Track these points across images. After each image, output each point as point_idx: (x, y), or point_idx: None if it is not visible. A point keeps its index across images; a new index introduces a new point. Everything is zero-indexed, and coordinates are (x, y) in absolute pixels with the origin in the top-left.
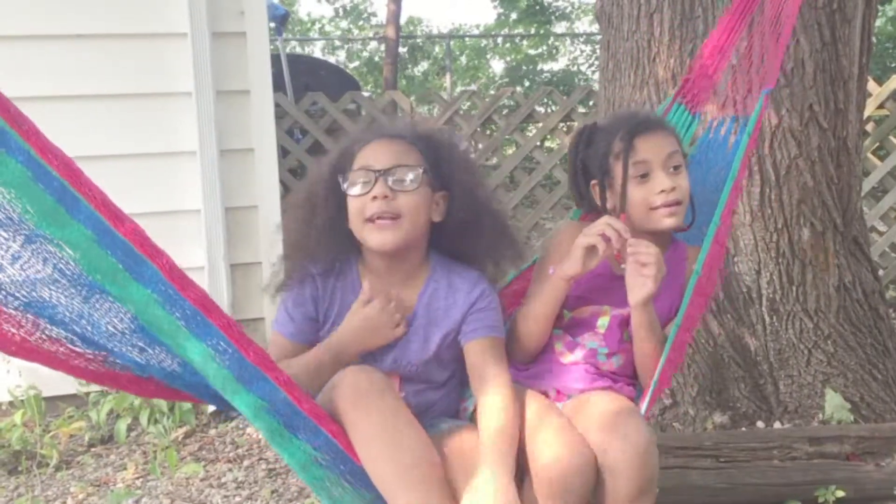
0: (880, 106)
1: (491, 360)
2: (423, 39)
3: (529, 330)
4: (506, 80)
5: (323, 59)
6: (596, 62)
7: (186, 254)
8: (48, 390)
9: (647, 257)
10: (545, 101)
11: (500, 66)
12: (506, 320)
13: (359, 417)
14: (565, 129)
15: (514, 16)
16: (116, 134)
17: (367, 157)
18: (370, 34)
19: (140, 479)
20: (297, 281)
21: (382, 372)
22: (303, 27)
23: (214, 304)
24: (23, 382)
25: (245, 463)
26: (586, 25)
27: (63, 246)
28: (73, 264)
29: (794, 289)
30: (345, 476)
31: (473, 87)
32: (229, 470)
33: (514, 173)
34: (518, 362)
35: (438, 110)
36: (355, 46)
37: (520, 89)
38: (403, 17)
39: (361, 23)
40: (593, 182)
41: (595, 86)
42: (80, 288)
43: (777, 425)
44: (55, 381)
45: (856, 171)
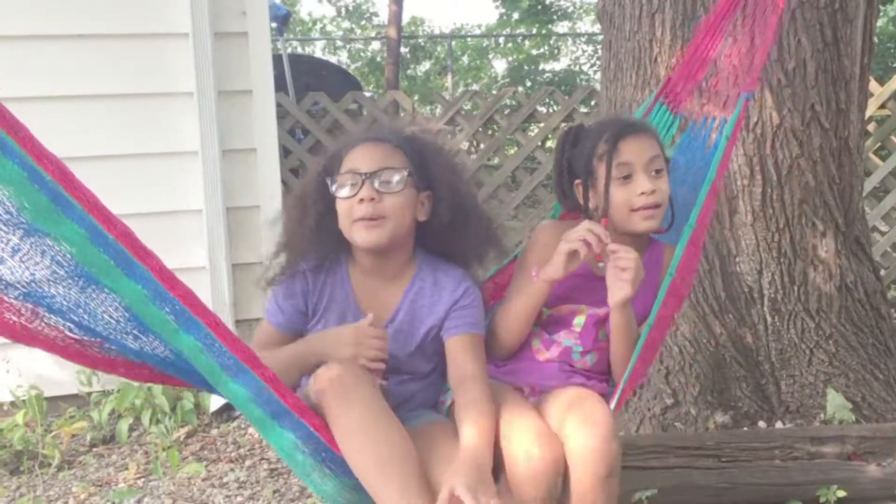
0: (882, 106)
1: (469, 357)
2: (424, 39)
3: (509, 329)
4: (507, 80)
5: (324, 59)
6: (598, 62)
7: (188, 254)
8: (50, 390)
9: (626, 262)
10: (547, 101)
11: (502, 66)
12: (487, 312)
13: (340, 412)
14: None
15: (515, 16)
16: (118, 134)
17: (354, 160)
18: (372, 34)
19: (142, 479)
20: (288, 276)
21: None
22: (304, 27)
23: (202, 304)
24: (24, 382)
25: (247, 463)
26: (588, 25)
27: (59, 240)
28: (69, 257)
29: (795, 288)
30: (326, 464)
31: (475, 87)
32: (231, 470)
33: (515, 173)
34: (496, 359)
35: (440, 110)
36: (357, 46)
37: (521, 89)
38: (406, 17)
39: (363, 23)
40: (577, 181)
41: (597, 86)
42: (76, 279)
43: (779, 425)
44: (57, 382)
45: (857, 171)
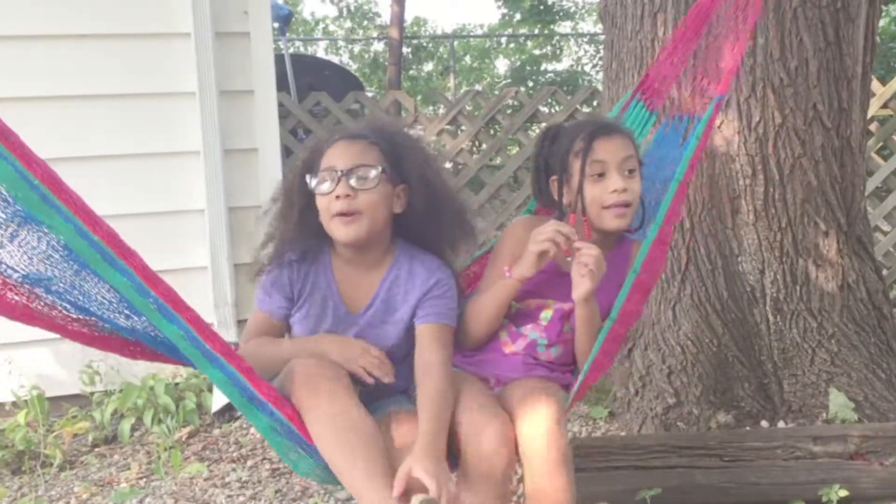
0: (884, 105)
1: (435, 346)
2: (427, 40)
3: (479, 321)
4: (510, 81)
5: (326, 59)
6: (600, 62)
7: (190, 254)
8: (52, 390)
9: (587, 258)
10: (549, 101)
11: (505, 67)
12: (464, 300)
13: (311, 404)
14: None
15: (517, 16)
16: (120, 134)
17: (332, 157)
18: (374, 34)
19: (144, 479)
20: (275, 265)
21: None
22: (307, 27)
23: (182, 301)
24: (26, 382)
25: (249, 463)
26: (590, 25)
27: (53, 228)
28: (62, 243)
29: (797, 288)
30: (300, 445)
31: (478, 88)
32: (233, 470)
33: (517, 173)
34: (466, 349)
35: (443, 110)
36: (359, 46)
37: (524, 89)
38: (409, 17)
39: (366, 23)
40: (553, 178)
41: (599, 86)
42: (70, 263)
43: (781, 424)
44: (59, 382)
45: (859, 170)
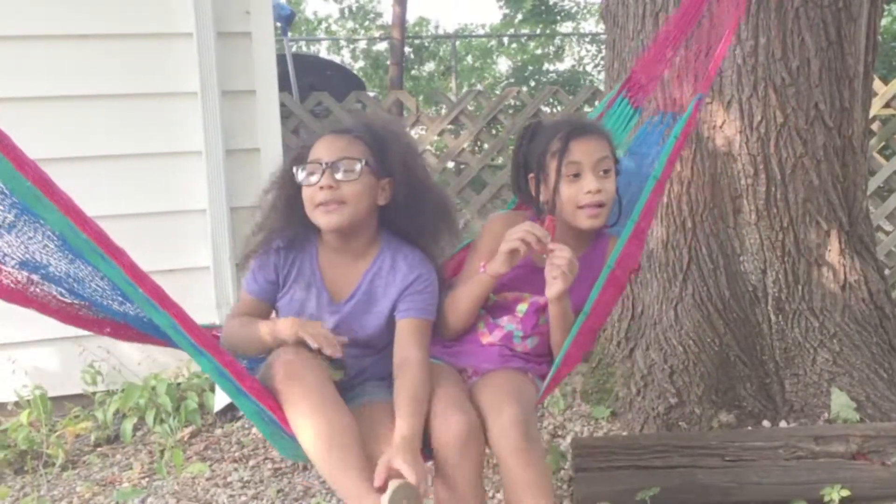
0: (886, 105)
1: (413, 341)
2: (428, 40)
3: (456, 313)
4: (511, 81)
5: (328, 59)
6: (601, 62)
7: (192, 254)
8: (54, 390)
9: (560, 260)
10: (551, 101)
11: (506, 67)
12: (448, 287)
13: (291, 395)
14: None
15: (519, 16)
16: (122, 134)
17: (318, 150)
18: (376, 34)
19: (146, 479)
20: (263, 251)
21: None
22: (309, 26)
23: (169, 298)
24: (29, 382)
25: (251, 462)
26: (592, 25)
27: (48, 221)
28: (57, 234)
29: (799, 288)
30: (283, 432)
31: (479, 88)
32: (235, 469)
33: None
34: (444, 339)
35: (445, 110)
36: (361, 46)
37: (525, 89)
38: (412, 18)
39: (367, 23)
40: (531, 175)
41: (601, 86)
42: (65, 252)
43: (783, 424)
44: (61, 381)
45: (861, 170)
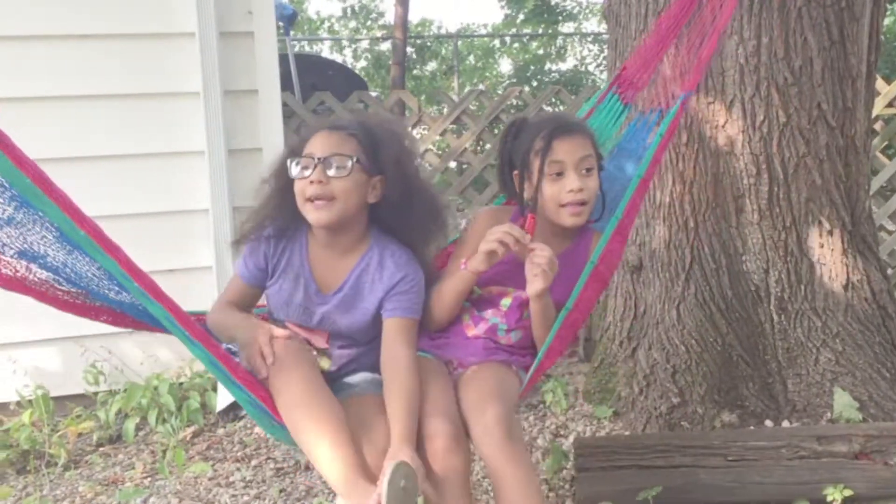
0: (889, 104)
1: (401, 340)
2: (430, 39)
3: (441, 307)
4: (514, 80)
5: (330, 59)
6: (604, 62)
7: (195, 253)
8: (56, 390)
9: (540, 259)
10: (553, 100)
11: (508, 67)
12: (437, 278)
13: (280, 385)
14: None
15: (521, 16)
16: (125, 134)
17: (312, 145)
18: (378, 34)
19: (148, 479)
20: (254, 238)
21: (311, 328)
22: (311, 26)
23: (164, 293)
24: (31, 382)
25: (253, 462)
26: (594, 25)
27: (47, 214)
28: (56, 226)
29: (802, 287)
30: (274, 421)
31: (481, 87)
32: (237, 469)
33: None
34: (430, 330)
35: (447, 110)
36: (363, 46)
37: (527, 89)
38: (415, 18)
39: (370, 23)
40: (515, 172)
41: (603, 86)
42: (63, 243)
43: (785, 424)
44: (63, 381)
45: (864, 169)
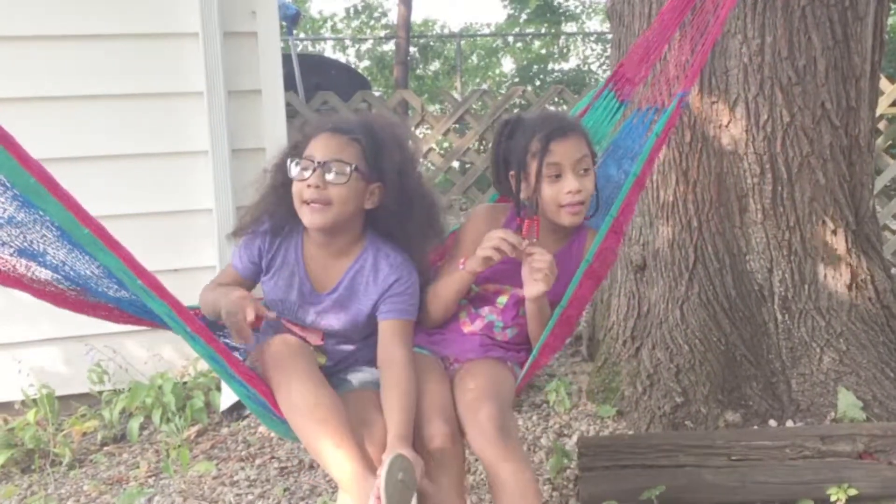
0: (893, 104)
1: (397, 341)
2: (433, 39)
3: (438, 305)
4: (517, 80)
5: (333, 59)
6: (607, 61)
7: (198, 253)
8: (61, 389)
9: (540, 263)
10: (556, 100)
11: (511, 66)
12: (435, 271)
13: (281, 381)
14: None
15: (524, 16)
16: (128, 134)
17: (313, 147)
18: (381, 33)
19: (153, 478)
20: (250, 232)
21: (305, 326)
22: (314, 25)
23: (167, 291)
24: (35, 381)
25: (257, 461)
26: (597, 25)
27: (48, 212)
28: (56, 225)
29: (806, 287)
30: (275, 416)
31: (484, 87)
32: (241, 468)
33: None
34: (427, 327)
35: (450, 109)
36: (366, 45)
37: (530, 88)
38: (418, 18)
39: (372, 22)
40: (511, 172)
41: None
42: (63, 242)
43: (789, 423)
44: (68, 381)
45: (868, 169)
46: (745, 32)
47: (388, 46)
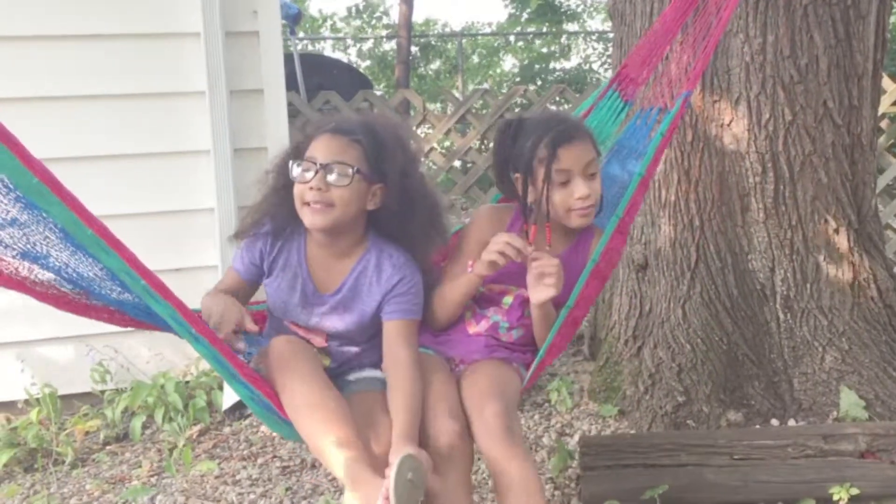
0: (895, 103)
1: (402, 341)
2: (435, 38)
3: (444, 308)
4: (518, 79)
5: (335, 59)
6: (608, 60)
7: (200, 253)
8: (63, 388)
9: (549, 268)
10: (557, 99)
11: (512, 65)
12: (438, 272)
13: (285, 383)
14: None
15: (525, 15)
16: (130, 134)
17: (315, 148)
18: (382, 33)
19: (155, 477)
20: (252, 234)
21: (309, 328)
22: (314, 24)
23: (170, 290)
24: (38, 381)
25: (259, 460)
26: (598, 24)
27: (51, 214)
28: (60, 227)
29: (808, 286)
30: (279, 417)
31: (486, 86)
32: (244, 467)
33: None
34: (433, 329)
35: (451, 109)
36: (367, 45)
37: (532, 88)
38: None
39: (374, 21)
40: (517, 175)
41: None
42: (66, 244)
43: (791, 423)
44: (70, 380)
45: (870, 167)
46: (746, 31)
47: (390, 46)
